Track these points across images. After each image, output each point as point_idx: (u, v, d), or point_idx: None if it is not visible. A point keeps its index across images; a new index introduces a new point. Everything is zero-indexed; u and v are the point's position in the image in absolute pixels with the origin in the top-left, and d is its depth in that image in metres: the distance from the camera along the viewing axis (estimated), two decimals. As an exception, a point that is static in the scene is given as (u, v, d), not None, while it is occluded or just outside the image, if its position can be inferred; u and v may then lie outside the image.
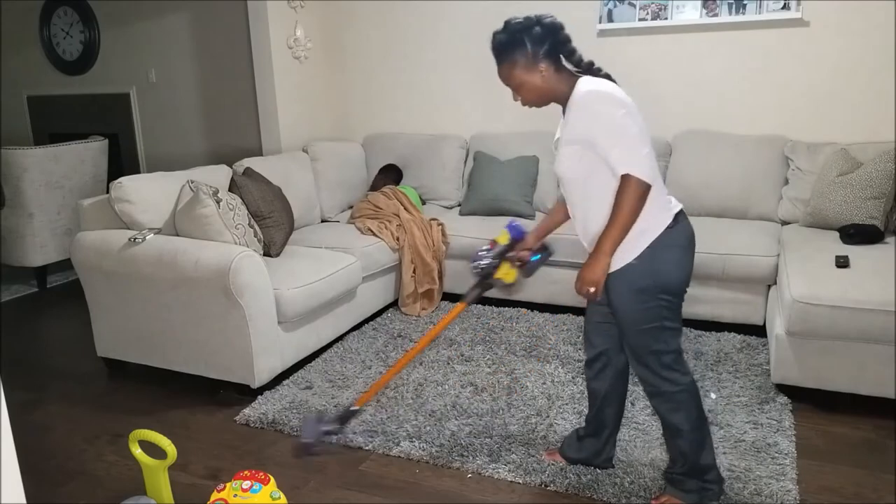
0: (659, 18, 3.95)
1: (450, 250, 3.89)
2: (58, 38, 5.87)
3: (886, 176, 3.20)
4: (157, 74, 5.47)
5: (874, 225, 3.16)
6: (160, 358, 3.06)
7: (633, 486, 2.21)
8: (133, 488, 2.26)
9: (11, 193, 4.39)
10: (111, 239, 3.00)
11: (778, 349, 2.72)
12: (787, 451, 2.38)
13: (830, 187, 3.33)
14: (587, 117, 1.86)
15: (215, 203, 2.96)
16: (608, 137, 1.84)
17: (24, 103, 6.21)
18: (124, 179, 3.07)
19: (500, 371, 3.07)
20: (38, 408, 2.97)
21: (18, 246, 4.49)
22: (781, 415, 2.62)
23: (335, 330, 3.40)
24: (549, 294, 3.72)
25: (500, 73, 1.98)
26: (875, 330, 2.51)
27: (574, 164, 1.92)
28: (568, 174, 1.97)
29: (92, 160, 4.69)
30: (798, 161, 3.61)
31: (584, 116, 1.87)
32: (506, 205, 4.03)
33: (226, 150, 5.09)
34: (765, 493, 2.15)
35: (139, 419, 2.77)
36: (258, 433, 2.67)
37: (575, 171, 1.94)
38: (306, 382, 3.03)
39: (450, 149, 4.45)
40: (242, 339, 2.81)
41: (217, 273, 2.74)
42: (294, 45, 4.54)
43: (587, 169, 1.90)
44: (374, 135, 4.79)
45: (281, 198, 3.52)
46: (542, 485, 2.25)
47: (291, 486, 2.28)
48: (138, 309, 3.01)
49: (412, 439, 2.53)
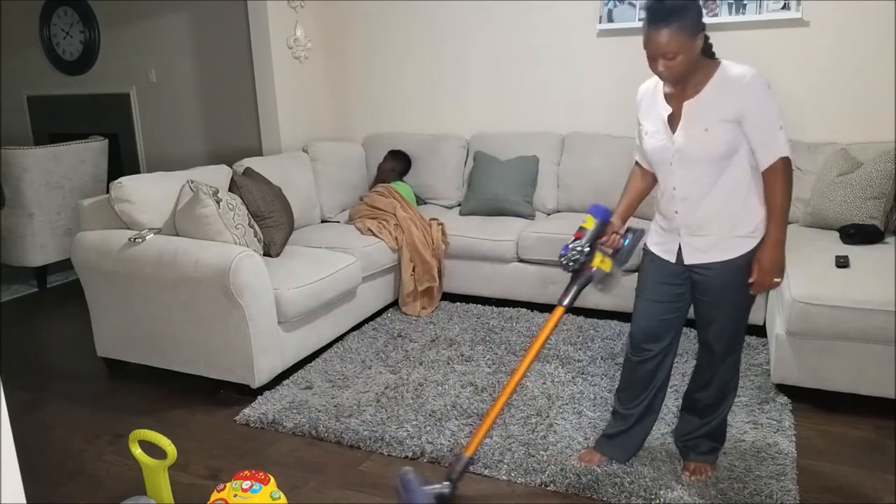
0: (659, 18, 3.94)
1: (450, 250, 3.89)
2: (58, 38, 5.87)
3: (886, 176, 3.20)
4: (157, 74, 5.47)
5: (874, 225, 3.15)
6: (160, 358, 3.07)
7: (633, 486, 2.21)
8: (133, 488, 2.26)
9: (11, 193, 4.39)
10: (111, 239, 3.00)
11: (778, 349, 2.72)
12: (787, 451, 2.38)
13: (830, 187, 3.33)
14: (750, 98, 1.88)
15: (215, 203, 2.96)
16: (773, 121, 1.89)
17: (24, 103, 6.21)
18: (124, 179, 3.07)
19: (500, 371, 3.07)
20: (38, 408, 2.97)
21: (18, 246, 4.49)
22: (781, 415, 2.62)
23: (335, 330, 3.40)
24: (548, 294, 3.73)
25: (660, 36, 1.83)
26: (875, 330, 2.51)
27: (730, 141, 1.92)
28: (718, 151, 1.93)
29: (92, 160, 4.70)
30: (798, 161, 3.60)
31: (746, 96, 1.88)
32: (506, 205, 4.03)
33: (226, 150, 5.10)
34: (765, 493, 2.15)
35: (139, 419, 2.77)
36: (258, 433, 2.68)
37: (728, 148, 1.93)
38: (306, 382, 3.03)
39: (450, 148, 4.45)
40: (242, 339, 2.81)
41: (217, 273, 2.74)
42: (294, 45, 4.54)
43: (732, 148, 1.92)
44: (374, 135, 4.79)
45: (281, 198, 3.52)
46: (542, 485, 2.25)
47: (291, 486, 2.28)
48: (138, 309, 3.01)
49: (412, 439, 2.53)
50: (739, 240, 2.00)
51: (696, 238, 2.05)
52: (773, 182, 1.94)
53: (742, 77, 1.90)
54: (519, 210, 4.02)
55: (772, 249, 1.97)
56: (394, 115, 4.83)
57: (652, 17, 1.85)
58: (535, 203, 4.14)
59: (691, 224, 2.04)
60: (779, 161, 1.91)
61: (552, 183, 4.15)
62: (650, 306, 2.18)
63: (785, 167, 1.92)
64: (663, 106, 2.02)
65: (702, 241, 2.04)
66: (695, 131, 1.94)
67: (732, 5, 3.79)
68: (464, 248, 3.85)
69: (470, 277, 3.92)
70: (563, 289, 2.13)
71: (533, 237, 3.71)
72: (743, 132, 1.91)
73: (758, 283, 1.99)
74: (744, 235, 2.00)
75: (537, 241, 3.69)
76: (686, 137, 1.96)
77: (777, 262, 1.97)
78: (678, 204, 2.04)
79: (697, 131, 1.94)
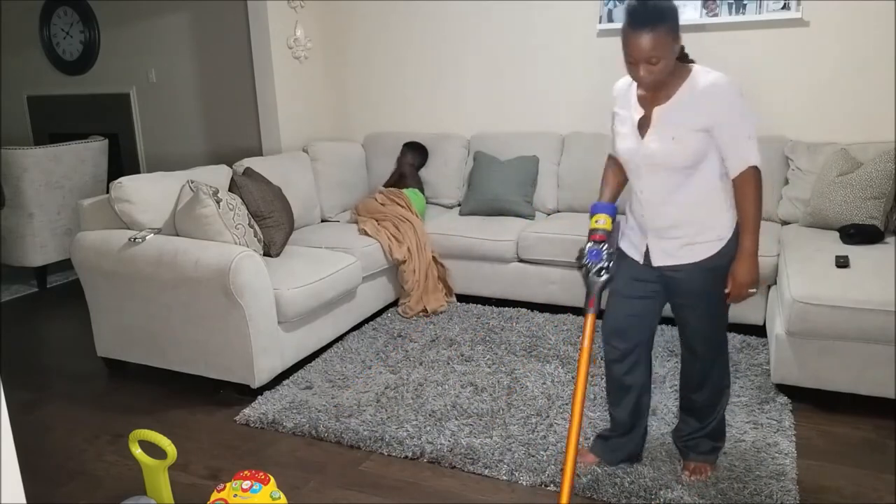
0: (659, 18, 3.94)
1: (450, 251, 3.89)
2: (58, 38, 5.87)
3: (886, 176, 3.20)
4: (157, 74, 5.47)
5: (874, 225, 3.15)
6: (160, 358, 3.07)
7: (633, 486, 2.21)
8: (133, 488, 2.26)
9: (11, 193, 4.39)
10: (111, 239, 3.00)
11: (778, 349, 2.72)
12: (787, 451, 2.38)
13: (830, 187, 3.33)
14: (721, 107, 1.85)
15: (215, 203, 2.96)
16: (744, 130, 1.86)
17: (24, 103, 6.21)
18: (124, 179, 3.07)
19: (500, 371, 3.07)
20: (38, 408, 2.97)
21: (18, 246, 4.49)
22: (781, 415, 2.62)
23: (335, 330, 3.40)
24: (548, 294, 3.73)
25: (643, 40, 1.76)
26: (875, 330, 2.51)
27: (698, 150, 1.88)
28: (684, 160, 1.90)
29: (92, 160, 4.70)
30: (798, 161, 3.61)
31: (717, 105, 1.85)
32: (506, 205, 4.03)
33: (226, 150, 5.10)
34: (765, 493, 2.15)
35: (139, 419, 2.77)
36: (258, 433, 2.68)
37: (696, 158, 1.89)
38: (306, 382, 3.03)
39: (452, 148, 4.45)
40: (242, 339, 2.81)
41: (217, 273, 2.74)
42: (294, 45, 4.54)
43: (699, 157, 1.90)
44: (374, 135, 4.79)
45: (281, 198, 3.52)
46: (542, 485, 2.25)
47: (291, 486, 2.28)
48: (138, 309, 3.01)
49: (412, 439, 2.53)
50: (705, 245, 1.97)
51: (662, 241, 2.03)
52: (742, 191, 1.91)
53: (713, 85, 1.85)
54: (519, 210, 4.02)
55: (745, 261, 1.94)
56: (394, 114, 4.83)
57: (635, 19, 1.77)
58: (535, 203, 4.14)
59: (657, 227, 2.02)
60: (749, 170, 1.88)
61: (552, 183, 4.15)
62: (620, 302, 2.17)
63: (755, 176, 1.89)
64: (636, 108, 1.99)
65: (668, 243, 2.02)
66: (663, 139, 1.91)
67: (732, 5, 3.79)
68: (464, 248, 3.85)
69: (470, 277, 3.92)
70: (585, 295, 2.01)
71: (533, 237, 3.71)
72: (713, 140, 1.88)
73: (732, 294, 1.98)
74: (710, 240, 1.97)
75: (537, 241, 3.69)
76: (654, 144, 1.93)
77: (750, 273, 1.94)
78: (645, 207, 2.03)
79: (665, 139, 1.90)
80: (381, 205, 3.99)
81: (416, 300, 3.78)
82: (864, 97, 3.63)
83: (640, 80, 1.85)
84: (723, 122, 1.85)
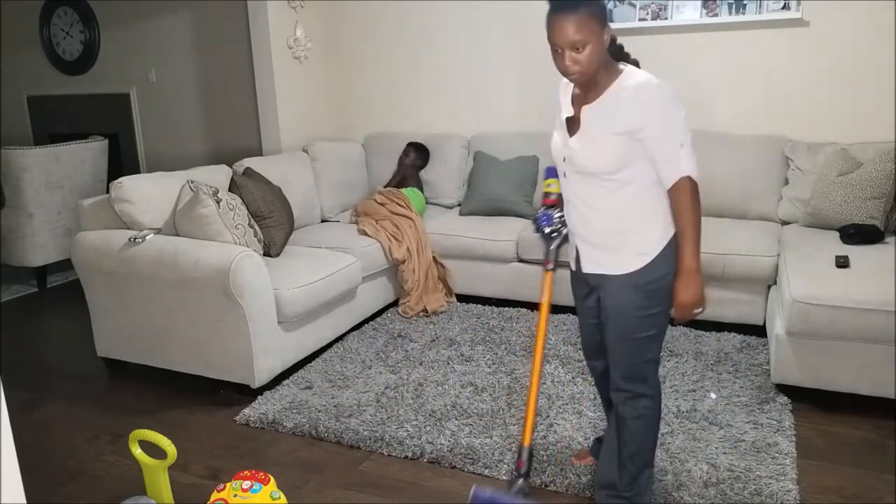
0: (659, 18, 3.95)
1: (450, 251, 3.89)
2: (58, 38, 5.86)
3: (886, 176, 3.20)
4: (157, 74, 5.47)
5: (874, 225, 3.15)
6: (160, 358, 3.07)
7: (633, 486, 2.20)
8: (133, 488, 2.26)
9: (11, 193, 4.39)
10: (111, 239, 3.00)
11: (778, 349, 2.72)
12: (787, 451, 2.38)
13: (830, 187, 3.33)
14: (647, 111, 1.71)
15: (215, 203, 2.96)
16: (674, 136, 1.73)
17: (24, 103, 6.20)
18: (124, 179, 3.07)
19: (500, 371, 3.07)
20: (38, 408, 2.97)
21: (18, 246, 4.49)
22: (781, 415, 2.62)
23: (335, 330, 3.40)
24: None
25: (567, 23, 1.65)
26: (875, 330, 2.51)
27: (618, 157, 1.76)
28: (605, 166, 1.78)
29: (92, 160, 4.70)
30: (798, 161, 3.61)
31: (642, 109, 1.71)
32: (506, 205, 4.03)
33: (226, 150, 5.10)
34: (765, 493, 2.15)
35: (139, 419, 2.77)
36: (258, 433, 2.68)
37: (615, 164, 1.77)
38: (306, 382, 3.03)
39: (452, 147, 4.45)
40: (242, 339, 2.81)
41: (217, 273, 2.74)
42: (294, 45, 4.54)
43: (620, 164, 1.77)
44: (374, 135, 4.79)
45: (281, 198, 3.52)
46: (542, 485, 2.25)
47: (291, 486, 2.28)
48: (138, 309, 3.01)
49: (412, 439, 2.53)
50: (631, 257, 1.83)
51: (590, 247, 1.91)
52: (677, 202, 1.77)
53: (640, 88, 1.72)
54: (519, 210, 4.02)
55: (684, 280, 1.79)
56: (394, 114, 4.83)
57: (558, 3, 1.68)
58: (536, 203, 4.14)
59: (581, 232, 1.92)
60: (682, 180, 1.74)
61: (552, 183, 4.15)
62: (582, 323, 2.14)
63: (689, 187, 1.74)
64: (566, 106, 1.90)
65: (594, 250, 1.90)
66: (584, 140, 1.80)
67: (732, 5, 3.79)
68: (464, 248, 3.85)
69: (470, 277, 3.92)
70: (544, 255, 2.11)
71: (533, 237, 3.70)
72: (640, 146, 1.74)
73: (676, 316, 1.85)
74: (638, 253, 1.83)
75: (537, 241, 3.68)
76: (577, 144, 1.82)
77: (692, 293, 1.79)
78: (571, 210, 1.94)
79: (586, 140, 1.80)
80: (381, 205, 3.99)
81: (416, 300, 3.78)
82: (864, 97, 3.62)
83: (566, 70, 1.72)
84: (649, 127, 1.71)
